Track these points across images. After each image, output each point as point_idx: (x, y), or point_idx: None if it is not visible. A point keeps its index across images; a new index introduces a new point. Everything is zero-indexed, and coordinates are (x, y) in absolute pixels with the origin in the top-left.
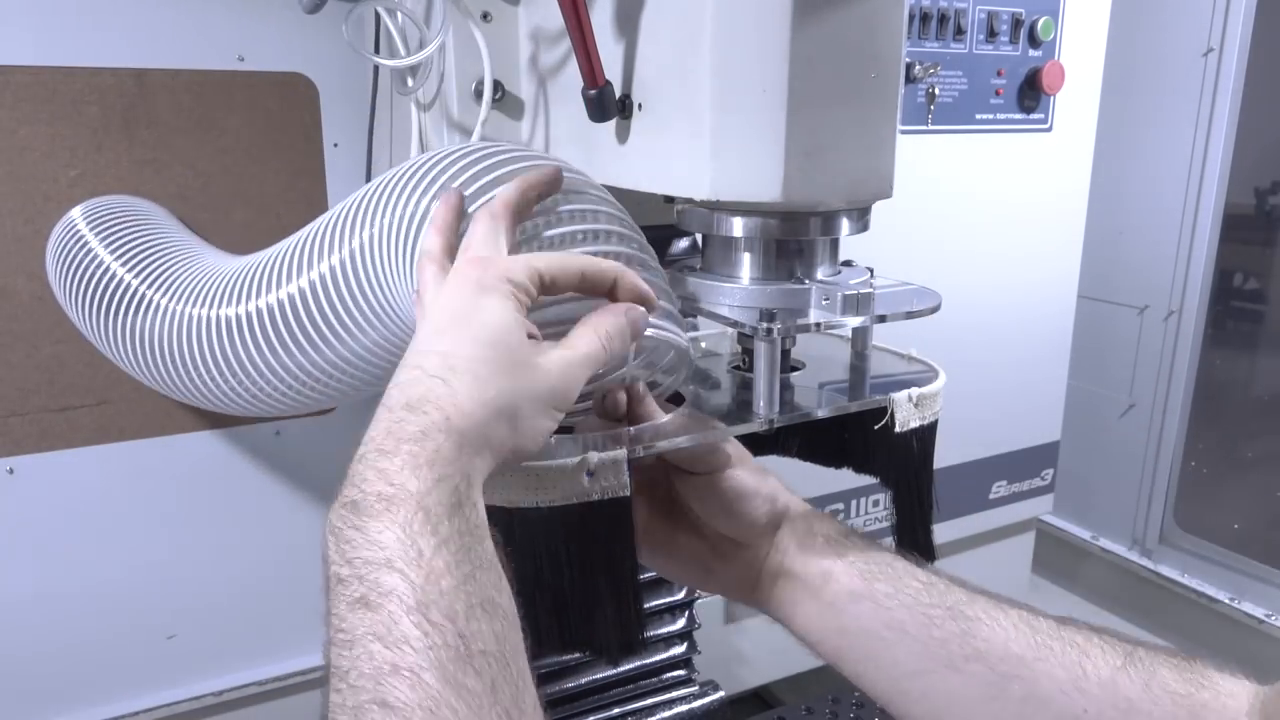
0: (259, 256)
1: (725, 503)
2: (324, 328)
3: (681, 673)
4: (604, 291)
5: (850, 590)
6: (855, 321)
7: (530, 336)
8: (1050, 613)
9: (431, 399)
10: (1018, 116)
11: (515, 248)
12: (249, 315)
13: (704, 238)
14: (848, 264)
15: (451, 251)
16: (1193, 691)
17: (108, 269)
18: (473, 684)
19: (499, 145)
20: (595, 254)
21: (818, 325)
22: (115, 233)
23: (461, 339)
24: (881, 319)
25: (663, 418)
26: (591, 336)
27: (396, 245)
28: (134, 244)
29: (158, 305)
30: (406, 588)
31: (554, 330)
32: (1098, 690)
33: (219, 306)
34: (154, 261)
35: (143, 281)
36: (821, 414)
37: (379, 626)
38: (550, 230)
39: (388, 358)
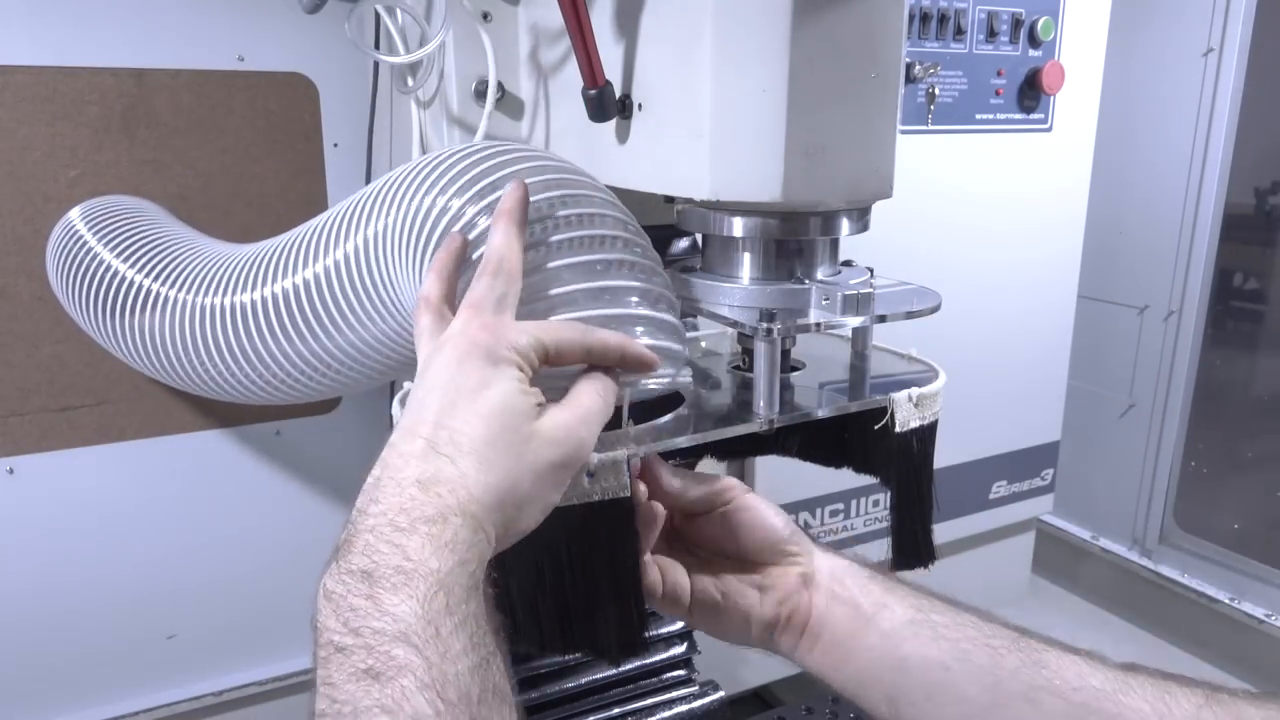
0: (270, 244)
1: (748, 519)
2: (336, 315)
3: (681, 673)
4: (610, 365)
5: (908, 619)
6: (855, 321)
7: (538, 404)
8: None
9: (443, 479)
10: (1018, 116)
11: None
12: (263, 301)
13: (704, 238)
14: (848, 264)
15: (450, 299)
16: None
17: (110, 268)
18: None
19: (506, 144)
20: (597, 261)
21: (818, 325)
22: (115, 232)
23: (469, 416)
24: (881, 319)
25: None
26: (594, 394)
27: (404, 241)
28: (135, 241)
29: (166, 298)
30: (422, 664)
31: (557, 386)
32: None
33: (231, 294)
34: (157, 256)
35: (148, 277)
36: (821, 414)
37: (388, 700)
38: (555, 235)
39: (397, 348)
